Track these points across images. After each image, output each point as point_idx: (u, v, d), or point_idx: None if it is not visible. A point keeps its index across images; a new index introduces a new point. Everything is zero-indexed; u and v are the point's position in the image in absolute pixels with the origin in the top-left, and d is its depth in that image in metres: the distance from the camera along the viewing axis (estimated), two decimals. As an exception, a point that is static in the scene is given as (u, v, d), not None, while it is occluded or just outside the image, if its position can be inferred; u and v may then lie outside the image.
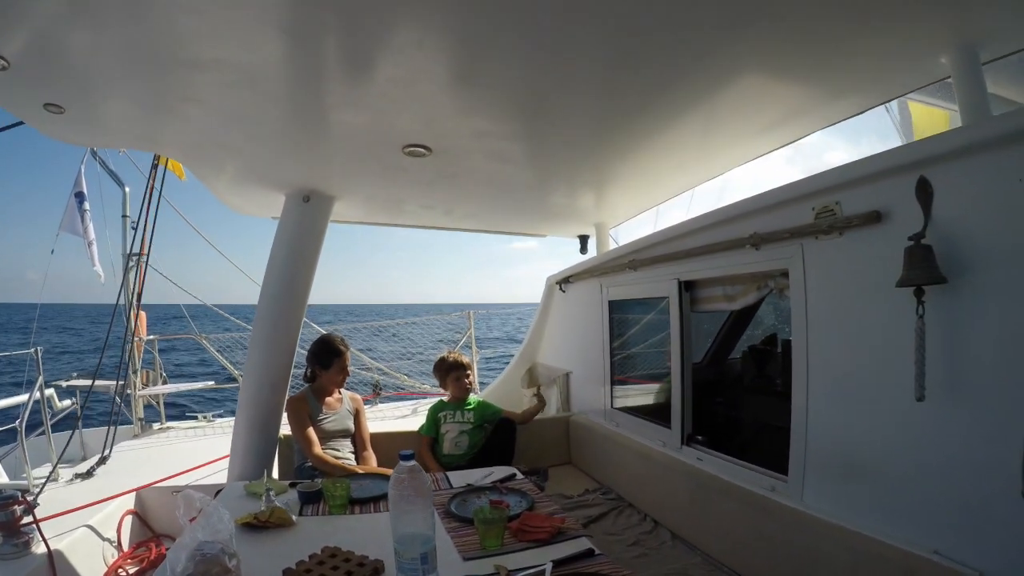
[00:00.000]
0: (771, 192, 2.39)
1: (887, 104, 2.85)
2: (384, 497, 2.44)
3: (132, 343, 5.79)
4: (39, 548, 2.86)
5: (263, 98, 2.35)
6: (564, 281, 4.86)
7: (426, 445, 3.84)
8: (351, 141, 2.83)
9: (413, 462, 1.62)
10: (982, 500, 1.67)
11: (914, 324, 1.74)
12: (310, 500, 2.39)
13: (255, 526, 2.07)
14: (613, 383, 4.08)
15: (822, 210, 2.14)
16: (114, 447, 4.93)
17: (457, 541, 1.98)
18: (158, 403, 6.02)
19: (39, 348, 4.18)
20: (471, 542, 1.97)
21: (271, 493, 2.31)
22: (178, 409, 7.82)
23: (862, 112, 2.77)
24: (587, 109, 2.57)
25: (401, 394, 7.72)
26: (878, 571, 1.88)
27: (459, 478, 2.76)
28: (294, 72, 2.16)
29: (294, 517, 2.17)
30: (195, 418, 6.09)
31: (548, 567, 1.70)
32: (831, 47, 2.13)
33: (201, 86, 2.23)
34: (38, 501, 3.37)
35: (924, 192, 1.76)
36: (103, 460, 4.36)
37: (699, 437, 3.08)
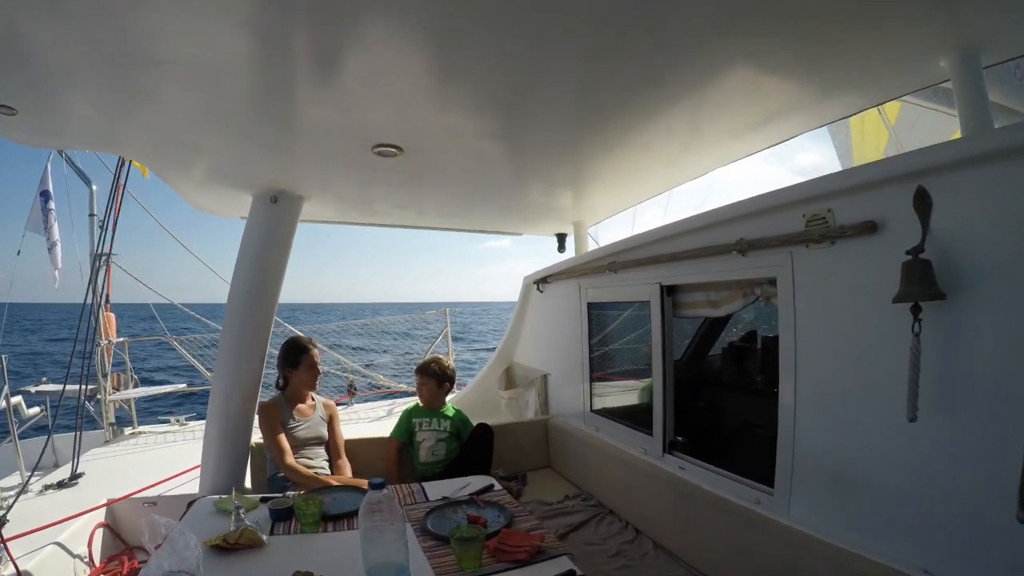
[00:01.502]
0: (760, 197, 2.32)
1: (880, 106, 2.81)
2: (358, 512, 2.36)
3: (102, 346, 5.63)
4: (6, 569, 2.75)
5: (227, 96, 2.23)
6: (542, 281, 4.78)
7: (394, 450, 3.73)
8: (319, 140, 2.71)
9: (384, 490, 1.53)
10: (975, 520, 1.62)
11: (908, 341, 1.68)
12: (281, 517, 2.30)
13: (224, 548, 1.98)
14: (592, 386, 4.02)
15: (813, 218, 2.08)
16: (84, 455, 4.78)
17: (434, 562, 1.91)
18: (129, 407, 5.86)
19: (4, 356, 4.00)
20: (448, 563, 1.89)
21: (241, 511, 2.21)
22: (150, 404, 7.65)
23: (854, 113, 2.72)
24: (565, 105, 2.47)
25: (377, 392, 7.62)
26: None
27: (436, 490, 2.68)
28: (258, 69, 2.04)
29: (265, 537, 2.07)
30: (167, 422, 5.94)
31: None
32: (826, 45, 2.06)
33: (161, 85, 2.11)
34: (7, 518, 3.24)
35: (922, 203, 1.68)
36: (75, 476, 4.18)
37: (679, 438, 3.03)
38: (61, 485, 4.05)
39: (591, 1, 1.65)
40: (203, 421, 5.80)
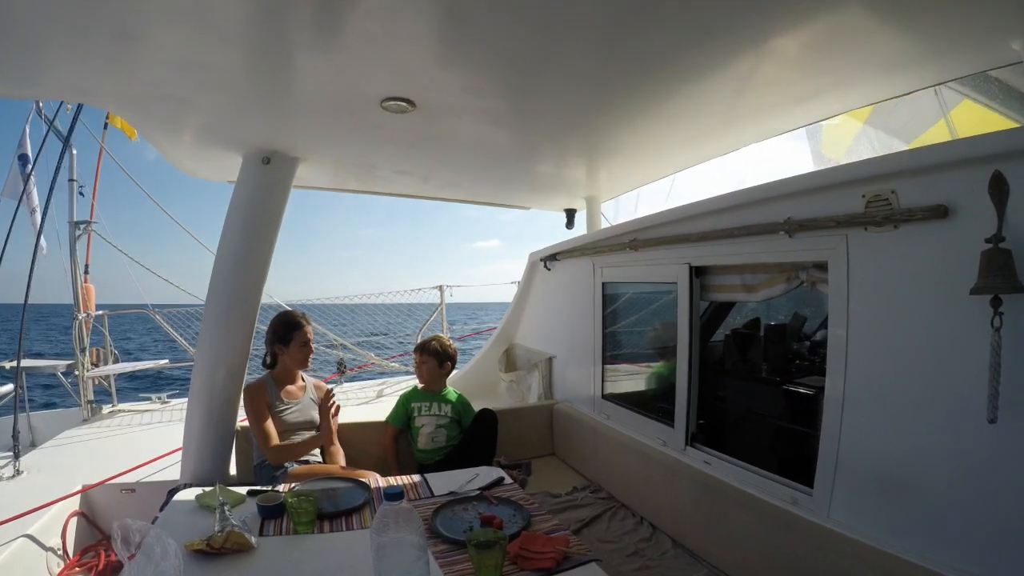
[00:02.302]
0: (813, 174, 2.13)
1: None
2: (359, 509, 2.17)
3: (80, 319, 5.37)
4: None
5: (216, 40, 1.96)
6: (550, 258, 4.55)
7: (391, 436, 3.53)
8: (320, 92, 2.44)
9: (401, 501, 1.31)
10: None
11: (978, 335, 1.55)
12: (271, 515, 2.09)
13: (208, 553, 1.77)
14: (604, 370, 3.82)
15: (874, 198, 1.89)
16: (59, 436, 4.57)
17: (447, 569, 1.72)
18: (109, 384, 5.60)
19: None
20: (465, 571, 1.70)
21: (226, 508, 1.98)
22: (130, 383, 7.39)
23: (908, 93, 2.52)
24: (587, 65, 2.23)
25: (366, 367, 7.40)
26: None
27: (440, 483, 2.47)
28: (253, 7, 1.78)
29: (253, 539, 1.85)
30: (148, 399, 5.68)
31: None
32: (897, 15, 1.89)
33: (145, 24, 1.84)
34: None
35: (999, 189, 1.54)
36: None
37: (698, 433, 2.86)
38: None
39: None
40: (186, 399, 5.58)
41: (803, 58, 2.23)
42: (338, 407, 3.15)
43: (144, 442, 4.37)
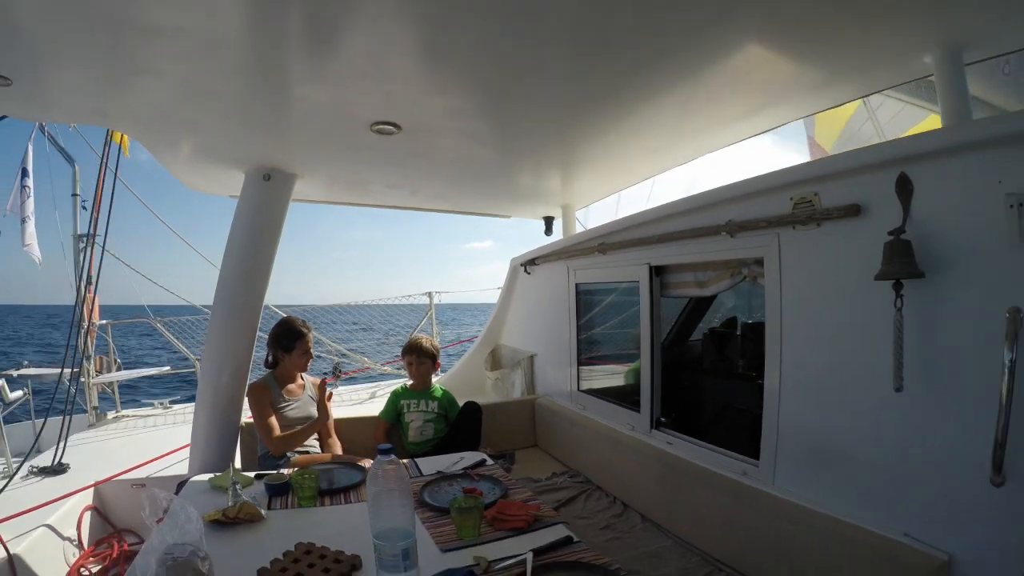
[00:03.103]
0: (748, 181, 2.39)
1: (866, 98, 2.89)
2: (354, 487, 2.41)
3: (85, 328, 5.57)
4: None
5: (223, 70, 2.22)
6: (529, 263, 4.83)
7: (383, 431, 3.78)
8: (316, 117, 2.71)
9: (392, 456, 1.57)
10: (952, 486, 1.72)
11: (891, 316, 1.78)
12: (278, 492, 2.33)
13: (223, 523, 2.01)
14: (580, 366, 4.09)
15: (800, 200, 2.16)
16: (69, 438, 4.76)
17: (433, 532, 1.96)
18: (112, 391, 5.82)
19: None
20: (447, 532, 1.95)
21: (237, 487, 2.24)
22: (132, 392, 7.59)
23: (841, 104, 2.79)
24: (557, 89, 2.51)
25: (360, 371, 7.63)
26: (850, 553, 1.93)
27: (429, 465, 2.73)
28: (256, 42, 2.04)
29: (263, 512, 2.10)
30: (151, 405, 5.90)
31: (529, 557, 1.68)
32: (816, 37, 2.13)
33: (158, 56, 2.09)
34: None
35: (904, 188, 1.79)
36: (60, 467, 4.14)
37: (662, 419, 3.12)
38: (44, 471, 4.02)
39: None
40: (186, 405, 5.81)
41: (733, 84, 2.51)
42: (330, 393, 3.38)
43: (150, 443, 4.61)
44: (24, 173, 5.79)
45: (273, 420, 3.20)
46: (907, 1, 1.91)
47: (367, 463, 2.86)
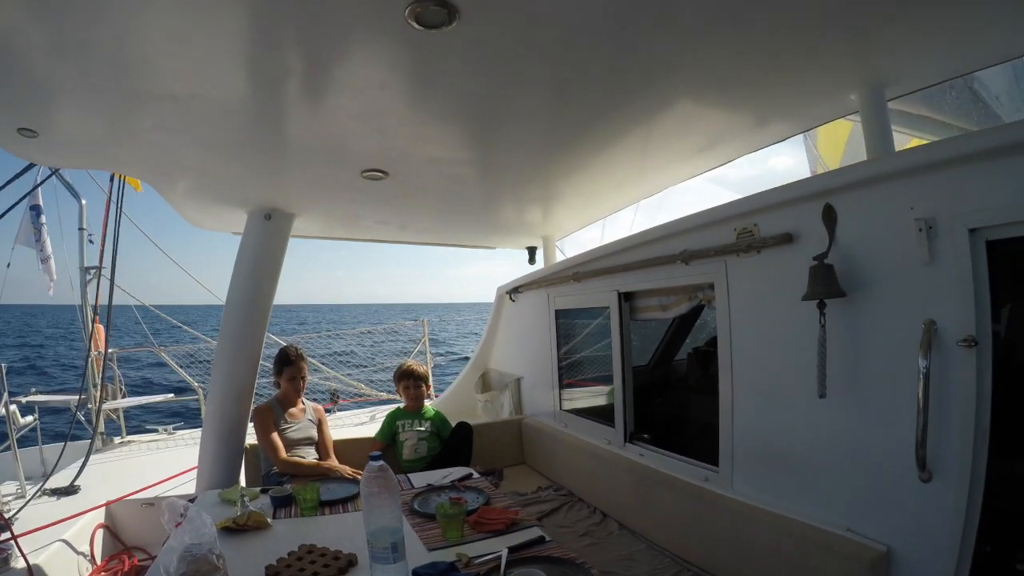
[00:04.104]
0: (699, 214, 2.67)
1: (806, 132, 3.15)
2: (351, 499, 2.62)
3: (92, 357, 5.78)
4: (17, 563, 2.93)
5: (232, 127, 2.49)
6: (514, 291, 5.12)
7: (378, 450, 3.97)
8: (313, 165, 2.98)
9: (382, 462, 1.81)
10: (885, 483, 1.95)
11: (817, 332, 2.03)
12: (282, 504, 2.54)
13: (233, 530, 2.21)
14: (561, 387, 4.34)
15: (742, 231, 2.43)
16: (76, 463, 4.93)
17: (421, 534, 2.18)
18: (118, 417, 6.01)
19: (2, 364, 4.18)
20: (434, 535, 2.17)
21: (245, 498, 2.47)
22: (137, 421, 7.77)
23: (782, 140, 3.03)
24: (532, 135, 2.78)
25: (359, 400, 7.85)
26: (799, 548, 2.15)
27: (420, 479, 2.95)
28: (262, 106, 2.31)
29: (269, 520, 2.32)
30: (155, 431, 6.10)
31: (504, 553, 1.91)
32: (752, 82, 2.36)
33: (172, 116, 2.36)
34: (16, 517, 3.43)
35: (829, 217, 2.04)
36: (74, 488, 4.32)
37: (644, 435, 3.34)
38: (56, 492, 4.22)
39: (554, 49, 1.92)
40: (190, 430, 6.01)
41: (680, 128, 2.78)
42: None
43: (157, 465, 4.81)
44: (37, 210, 6.02)
45: (276, 437, 3.44)
46: (829, 46, 2.13)
47: (358, 477, 3.09)
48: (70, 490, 4.23)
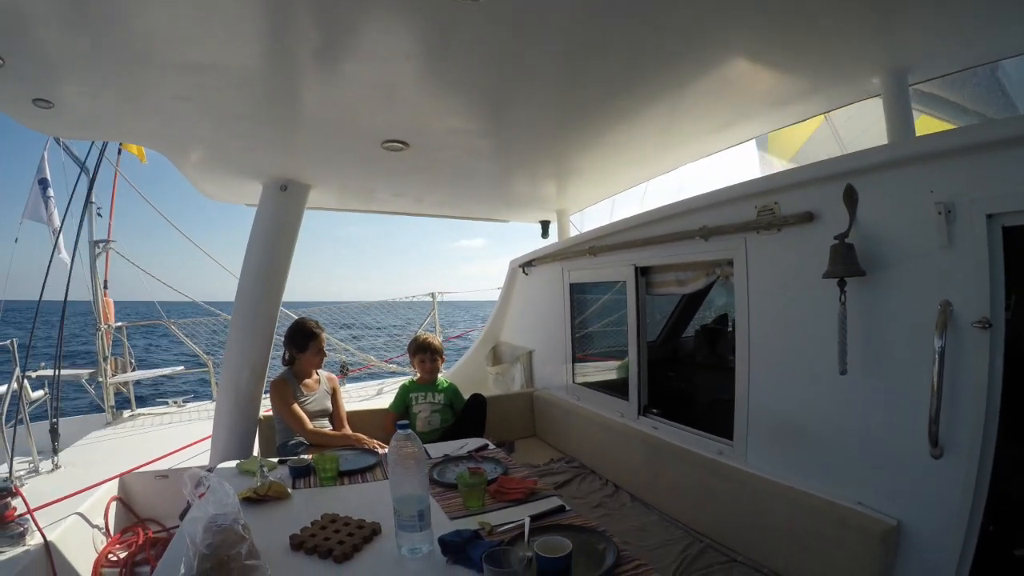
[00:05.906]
0: (719, 191, 2.66)
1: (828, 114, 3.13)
2: (369, 469, 2.65)
3: (101, 330, 5.82)
4: (33, 538, 2.96)
5: (251, 97, 2.48)
6: (527, 264, 5.11)
7: (392, 421, 4.00)
8: (332, 136, 2.98)
9: (409, 431, 1.83)
10: (896, 459, 1.98)
11: (837, 310, 2.05)
12: (300, 474, 2.56)
13: (254, 500, 2.24)
14: (574, 360, 4.36)
15: (763, 208, 2.43)
16: (87, 436, 5.00)
17: (442, 504, 2.20)
18: (128, 390, 6.06)
19: (14, 340, 4.19)
20: (455, 504, 2.19)
21: (264, 469, 2.49)
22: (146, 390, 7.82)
23: (802, 120, 3.03)
24: (549, 106, 2.77)
25: (365, 369, 7.89)
26: (811, 520, 2.18)
27: (436, 450, 2.98)
28: (281, 76, 2.30)
29: (289, 490, 2.35)
30: (165, 404, 6.15)
31: (527, 521, 1.94)
32: (777, 62, 2.37)
33: (191, 87, 2.35)
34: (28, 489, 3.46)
35: (850, 198, 2.05)
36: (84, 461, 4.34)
37: (654, 409, 3.37)
38: (69, 465, 4.26)
39: (573, 17, 1.91)
40: (200, 403, 6.06)
41: (706, 101, 2.78)
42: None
43: (168, 438, 4.85)
44: (44, 184, 5.98)
45: (300, 410, 3.46)
46: (856, 26, 2.14)
47: (380, 448, 3.13)
48: (82, 463, 4.27)
